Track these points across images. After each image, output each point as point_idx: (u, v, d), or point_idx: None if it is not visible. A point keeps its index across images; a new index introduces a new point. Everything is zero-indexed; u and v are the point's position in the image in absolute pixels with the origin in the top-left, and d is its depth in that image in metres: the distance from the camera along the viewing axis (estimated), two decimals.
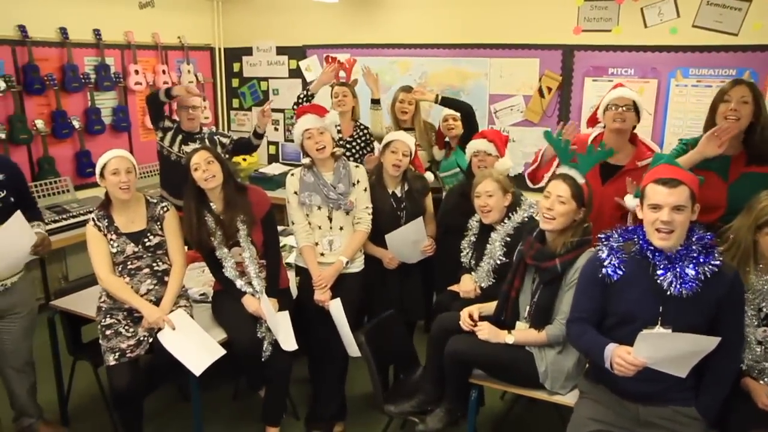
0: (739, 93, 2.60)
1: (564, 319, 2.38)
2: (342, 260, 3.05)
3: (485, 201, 2.90)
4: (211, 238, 2.87)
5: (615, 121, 2.91)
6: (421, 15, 5.21)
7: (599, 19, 4.57)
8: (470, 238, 3.08)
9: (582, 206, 2.45)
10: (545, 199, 2.45)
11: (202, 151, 2.85)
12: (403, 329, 3.12)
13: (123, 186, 2.73)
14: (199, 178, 2.81)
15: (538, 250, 2.47)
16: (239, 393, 3.53)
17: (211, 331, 2.86)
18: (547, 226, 2.44)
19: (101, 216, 2.81)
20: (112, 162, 2.74)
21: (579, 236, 2.43)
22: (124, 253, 2.78)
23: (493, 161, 3.17)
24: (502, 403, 3.48)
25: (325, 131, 3.01)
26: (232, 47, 6.21)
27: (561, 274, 2.41)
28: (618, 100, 2.92)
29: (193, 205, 2.87)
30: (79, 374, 3.24)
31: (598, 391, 2.26)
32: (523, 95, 4.94)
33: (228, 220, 2.87)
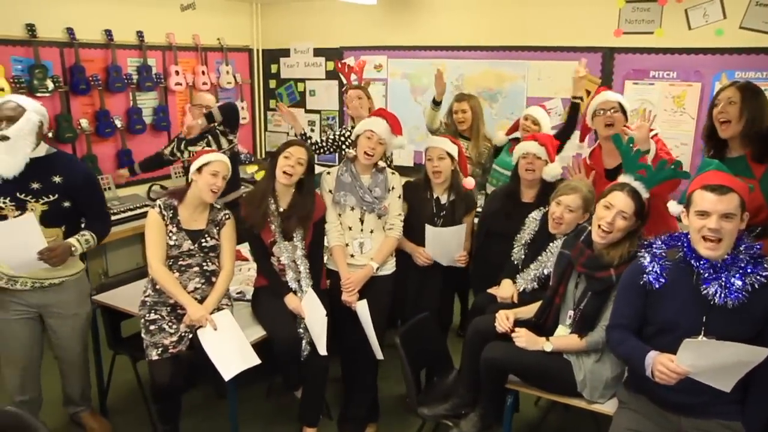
0: (726, 95, 2.58)
1: (606, 325, 2.34)
2: (373, 266, 3.06)
3: (562, 213, 2.76)
4: (271, 225, 2.91)
5: (606, 125, 3.01)
6: (459, 17, 5.19)
7: (641, 21, 4.48)
8: (525, 238, 2.99)
9: (641, 221, 2.39)
10: (605, 210, 2.34)
11: (304, 150, 2.91)
12: (437, 331, 3.11)
13: (214, 188, 2.80)
14: (281, 165, 2.86)
15: (589, 258, 2.41)
16: (273, 391, 3.56)
17: (249, 328, 2.89)
18: (602, 240, 2.36)
19: (168, 206, 2.85)
20: (216, 164, 2.81)
21: (635, 247, 2.34)
22: (180, 248, 2.82)
23: (541, 165, 3.08)
24: (536, 409, 3.44)
25: (384, 144, 3.03)
26: (270, 48, 6.27)
27: (614, 285, 2.35)
28: (604, 104, 3.02)
29: (267, 185, 2.94)
30: (117, 368, 3.31)
31: (639, 402, 2.22)
32: (561, 98, 4.87)
33: (288, 219, 2.92)
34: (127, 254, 5.11)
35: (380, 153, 3.04)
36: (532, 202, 3.12)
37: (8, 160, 2.58)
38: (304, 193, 2.97)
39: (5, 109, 2.59)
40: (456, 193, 3.25)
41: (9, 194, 2.63)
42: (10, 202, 2.64)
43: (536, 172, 3.08)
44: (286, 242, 2.94)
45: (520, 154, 3.13)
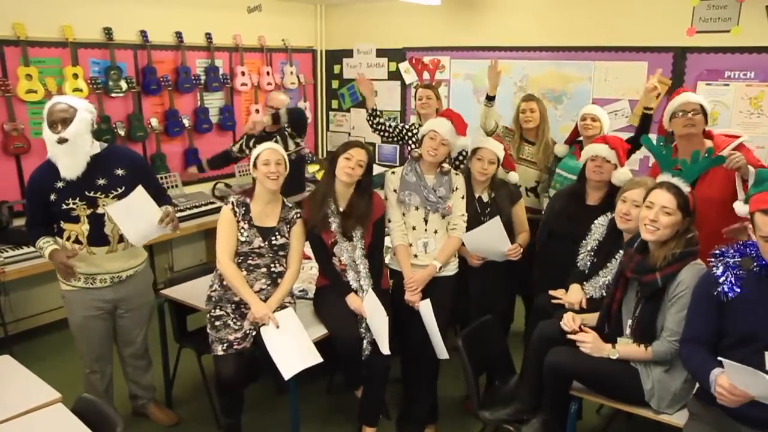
0: None
1: (670, 336, 2.27)
2: (436, 265, 3.04)
3: (628, 209, 2.66)
4: (331, 225, 2.94)
5: (685, 126, 2.88)
6: (523, 17, 5.12)
7: (716, 19, 4.30)
8: (592, 244, 2.92)
9: (687, 216, 2.32)
10: (647, 210, 2.33)
11: (364, 151, 2.93)
12: (500, 334, 3.08)
13: (272, 176, 2.84)
14: (342, 166, 2.89)
15: (637, 263, 2.36)
16: (333, 389, 3.60)
17: (311, 327, 2.93)
18: (651, 236, 2.32)
19: (240, 203, 2.92)
20: (264, 153, 2.87)
21: (682, 247, 2.29)
22: (251, 244, 2.87)
23: (610, 168, 3.00)
24: (599, 417, 3.35)
25: (448, 145, 3.03)
26: (333, 49, 6.35)
27: (662, 288, 2.29)
28: (685, 105, 2.90)
29: (327, 185, 2.98)
30: (183, 361, 3.41)
31: (712, 414, 2.13)
32: (629, 100, 4.74)
33: (348, 216, 2.95)
34: (192, 250, 5.27)
35: (443, 153, 3.04)
36: (597, 205, 3.04)
37: (70, 162, 2.68)
38: (362, 192, 2.99)
39: (58, 111, 2.65)
40: (496, 189, 3.24)
41: (78, 194, 2.74)
42: (80, 202, 2.75)
43: (604, 175, 3.01)
44: (346, 242, 2.96)
45: (590, 156, 3.06)
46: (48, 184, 2.72)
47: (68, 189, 2.72)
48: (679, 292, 2.26)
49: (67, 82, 4.24)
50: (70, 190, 2.72)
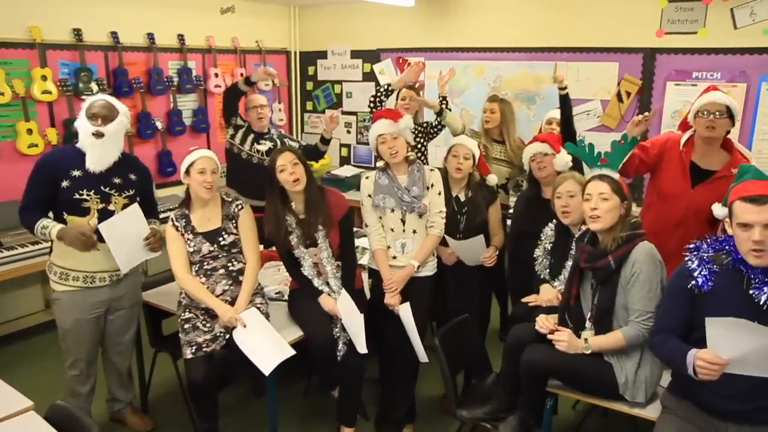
0: None
1: (638, 316, 2.32)
2: (413, 264, 3.06)
3: (566, 201, 2.81)
4: (289, 237, 2.93)
5: (707, 128, 2.80)
6: (497, 18, 5.16)
7: (684, 20, 4.40)
8: (545, 246, 3.01)
9: (624, 200, 2.42)
10: (587, 202, 2.43)
11: (288, 153, 2.89)
12: (477, 334, 3.10)
13: (207, 185, 2.82)
14: (286, 179, 2.85)
15: (589, 253, 2.44)
16: (310, 391, 3.59)
17: (287, 329, 2.92)
18: (596, 225, 2.40)
19: (179, 216, 2.90)
20: (200, 161, 2.83)
21: (628, 230, 2.39)
22: (201, 252, 2.86)
23: (550, 160, 3.14)
24: (574, 413, 3.40)
25: (399, 136, 3.02)
26: (307, 51, 6.34)
27: (616, 270, 2.36)
28: (710, 105, 2.79)
29: (277, 205, 2.92)
30: (159, 366, 3.37)
31: (684, 408, 2.17)
32: (601, 100, 4.81)
33: (308, 221, 2.91)
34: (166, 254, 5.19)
35: (402, 145, 3.02)
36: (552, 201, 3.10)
37: (100, 156, 2.74)
38: (313, 192, 2.93)
39: (100, 107, 2.72)
40: (473, 189, 3.29)
41: (94, 187, 2.76)
42: (95, 195, 2.76)
43: (548, 168, 3.15)
44: (304, 249, 2.94)
45: (528, 157, 3.22)
46: (64, 168, 2.73)
47: (85, 180, 2.74)
48: (635, 270, 2.33)
49: (35, 84, 4.17)
50: (87, 182, 2.75)
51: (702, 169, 2.87)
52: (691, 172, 2.89)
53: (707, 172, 2.86)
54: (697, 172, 2.88)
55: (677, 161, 2.94)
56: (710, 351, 1.96)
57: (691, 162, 2.92)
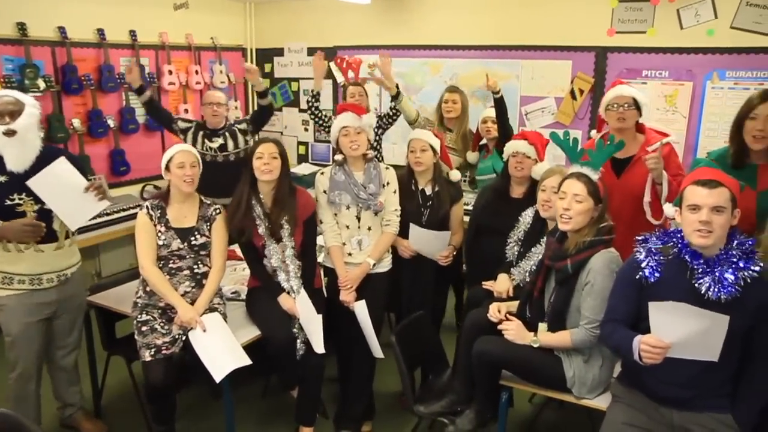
0: (765, 112, 2.53)
1: (588, 323, 2.35)
2: (369, 262, 3.07)
3: (548, 196, 2.78)
4: (258, 229, 2.90)
5: (618, 120, 2.98)
6: (453, 16, 5.20)
7: (634, 20, 4.51)
8: (519, 234, 3.02)
9: (598, 203, 2.44)
10: (561, 200, 2.44)
11: (272, 144, 2.89)
12: (433, 329, 3.13)
13: (187, 179, 2.79)
14: (258, 166, 2.84)
15: (554, 250, 2.47)
16: (269, 391, 3.56)
17: (244, 329, 2.90)
18: (566, 226, 2.42)
19: (155, 206, 2.86)
20: (178, 155, 2.81)
21: (593, 235, 2.40)
22: (169, 247, 2.82)
23: (531, 164, 3.10)
24: (531, 405, 3.45)
25: (362, 131, 3.04)
26: (263, 48, 6.27)
27: (573, 275, 2.39)
28: (618, 99, 2.97)
29: (246, 190, 2.91)
30: (112, 369, 3.29)
31: (632, 396, 2.24)
32: (555, 97, 4.90)
33: (274, 218, 2.91)
34: (121, 255, 5.10)
35: (364, 141, 3.04)
36: (522, 198, 3.13)
37: (19, 155, 2.62)
38: (284, 187, 2.94)
39: (4, 104, 2.58)
40: (440, 184, 3.30)
41: (24, 189, 2.64)
42: (27, 197, 2.66)
43: (525, 170, 3.11)
44: (275, 244, 2.93)
45: (510, 152, 3.17)
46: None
47: (11, 184, 2.63)
48: (589, 279, 2.36)
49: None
50: (14, 185, 2.63)
51: (621, 159, 3.01)
52: (613, 165, 3.01)
53: (627, 159, 3.00)
54: (617, 163, 3.01)
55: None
56: (654, 335, 2.02)
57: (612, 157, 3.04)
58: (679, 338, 1.99)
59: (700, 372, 2.06)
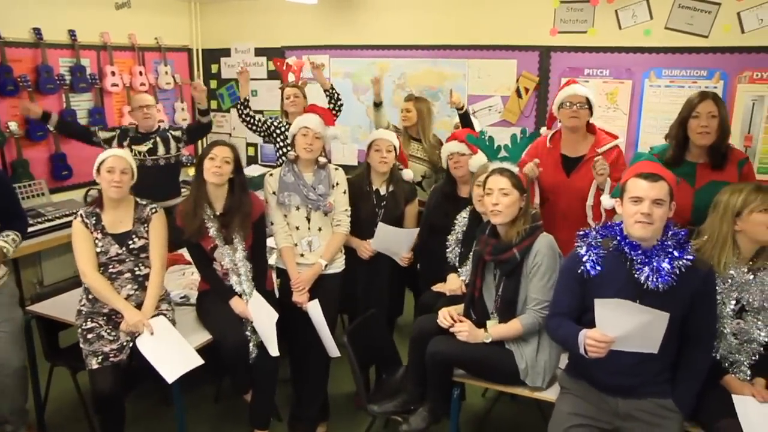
0: (706, 108, 2.71)
1: (536, 305, 2.43)
2: (321, 263, 3.07)
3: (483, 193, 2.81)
4: (209, 231, 2.86)
5: (570, 118, 3.04)
6: (400, 16, 5.24)
7: (575, 20, 4.63)
8: (457, 235, 3.08)
9: (523, 193, 2.53)
10: (488, 197, 2.52)
11: (227, 148, 2.86)
12: (385, 328, 3.14)
13: (115, 185, 2.73)
14: (208, 167, 2.81)
15: (494, 246, 2.52)
16: (222, 395, 3.51)
17: (195, 333, 2.85)
18: (498, 219, 2.49)
19: (90, 213, 2.79)
20: (110, 160, 2.75)
21: (529, 223, 2.50)
22: (108, 254, 2.76)
23: (466, 160, 3.19)
24: (484, 400, 3.51)
25: (321, 139, 3.04)
26: (210, 48, 6.18)
27: (520, 262, 2.46)
28: (571, 97, 3.04)
29: (198, 191, 2.87)
30: (55, 380, 3.19)
31: (579, 386, 2.30)
32: (501, 96, 4.98)
33: (227, 222, 2.87)
34: (63, 262, 4.92)
35: (319, 147, 3.05)
36: (469, 197, 3.18)
37: None
38: (237, 192, 2.92)
39: None
40: (395, 184, 3.32)
41: None
42: None
43: (464, 168, 3.19)
44: (226, 246, 2.90)
45: (446, 155, 3.26)
46: None
47: None
48: (537, 261, 2.45)
49: None
50: None
51: (572, 158, 3.09)
52: (564, 164, 3.09)
53: (577, 158, 3.08)
54: (568, 161, 3.10)
55: (548, 158, 3.15)
56: (598, 330, 2.09)
57: (562, 155, 3.13)
58: (622, 333, 2.05)
59: (640, 361, 2.14)
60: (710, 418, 2.16)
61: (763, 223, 2.20)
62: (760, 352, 2.22)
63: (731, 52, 4.21)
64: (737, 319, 2.24)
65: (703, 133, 2.72)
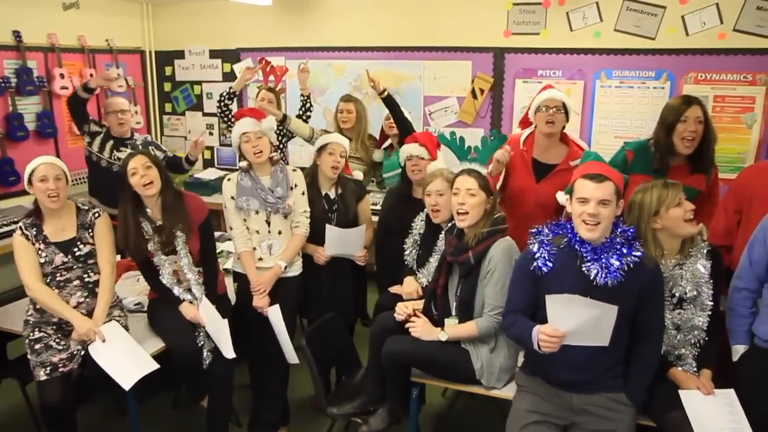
0: (694, 113, 2.76)
1: (491, 310, 2.46)
2: (280, 265, 3.04)
3: (435, 200, 2.88)
4: (148, 245, 2.80)
5: (547, 123, 3.02)
6: (356, 18, 5.24)
7: (528, 22, 4.71)
8: (414, 237, 3.10)
9: (490, 195, 2.55)
10: (455, 196, 2.53)
11: (140, 156, 2.77)
12: (344, 331, 3.14)
13: (51, 194, 2.64)
14: (137, 183, 2.73)
15: (455, 246, 2.55)
16: (179, 403, 3.45)
17: (149, 340, 2.80)
18: (464, 223, 2.52)
19: (29, 224, 2.70)
20: (40, 168, 2.65)
21: (489, 226, 2.51)
22: (53, 263, 2.68)
23: (426, 164, 3.18)
24: (444, 399, 3.54)
25: (263, 135, 3.01)
26: (163, 50, 6.06)
27: (476, 265, 2.49)
28: (548, 101, 3.03)
29: (129, 211, 2.79)
30: (4, 393, 3.09)
31: (535, 384, 2.34)
32: (457, 97, 5.03)
33: (166, 228, 2.81)
34: (11, 271, 4.73)
35: (266, 144, 3.01)
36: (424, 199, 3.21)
37: None
38: (169, 196, 2.84)
39: None
40: (343, 185, 3.32)
41: None
42: None
43: (422, 172, 3.18)
44: (166, 256, 2.84)
45: (404, 156, 3.26)
46: None
47: None
48: (491, 267, 2.47)
49: None
50: None
51: (544, 164, 3.10)
52: (535, 169, 3.11)
53: (549, 166, 3.09)
54: (539, 167, 3.10)
55: (520, 160, 3.16)
56: (550, 325, 2.13)
57: (533, 159, 3.14)
58: (573, 327, 2.10)
59: (592, 357, 2.19)
60: (659, 410, 2.22)
61: (680, 216, 2.28)
62: (703, 338, 2.30)
63: (677, 54, 4.35)
64: (678, 309, 2.32)
65: (689, 138, 2.76)
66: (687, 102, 2.80)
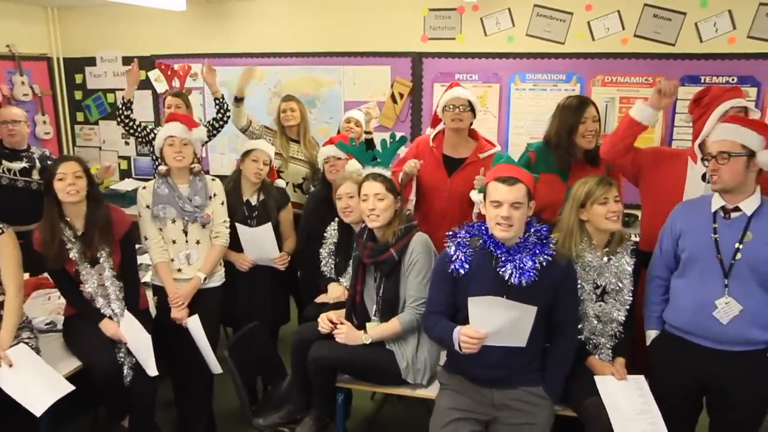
0: (591, 113, 2.87)
1: (413, 302, 2.51)
2: (199, 276, 2.99)
3: (347, 202, 2.91)
4: (69, 255, 2.68)
5: (453, 120, 3.12)
6: (274, 24, 5.20)
7: (443, 27, 4.82)
8: (329, 247, 3.11)
9: (397, 196, 2.61)
10: (364, 202, 2.57)
11: (73, 162, 2.67)
12: (267, 340, 3.10)
13: None
14: (61, 188, 2.61)
15: (371, 249, 2.58)
16: (98, 425, 3.31)
17: (63, 361, 2.67)
18: (376, 224, 2.56)
19: None
20: None
21: (404, 223, 2.58)
22: None
23: (343, 164, 3.23)
24: (373, 403, 3.56)
25: (189, 144, 2.95)
26: (72, 57, 5.82)
27: (398, 262, 2.53)
28: (455, 100, 3.12)
29: (53, 215, 2.67)
30: None
31: (456, 382, 2.39)
32: (377, 101, 5.08)
33: (89, 239, 2.70)
34: None
35: (189, 153, 2.96)
36: None
37: None
38: (92, 206, 2.75)
39: None
40: (266, 192, 3.30)
41: None
42: None
43: (340, 172, 3.21)
44: (90, 267, 2.74)
45: (322, 159, 3.30)
46: None
47: None
48: (413, 259, 2.53)
49: None
50: None
51: (454, 159, 3.20)
52: (446, 164, 3.19)
53: (459, 160, 3.19)
54: (450, 162, 3.19)
55: (430, 156, 3.22)
56: (472, 326, 2.18)
57: (444, 155, 3.22)
58: (494, 329, 2.16)
59: (509, 353, 2.26)
60: (577, 398, 2.31)
61: (602, 213, 2.39)
62: (619, 331, 2.42)
63: (585, 58, 4.56)
64: (599, 302, 2.43)
65: (589, 137, 2.87)
66: (583, 103, 2.92)
